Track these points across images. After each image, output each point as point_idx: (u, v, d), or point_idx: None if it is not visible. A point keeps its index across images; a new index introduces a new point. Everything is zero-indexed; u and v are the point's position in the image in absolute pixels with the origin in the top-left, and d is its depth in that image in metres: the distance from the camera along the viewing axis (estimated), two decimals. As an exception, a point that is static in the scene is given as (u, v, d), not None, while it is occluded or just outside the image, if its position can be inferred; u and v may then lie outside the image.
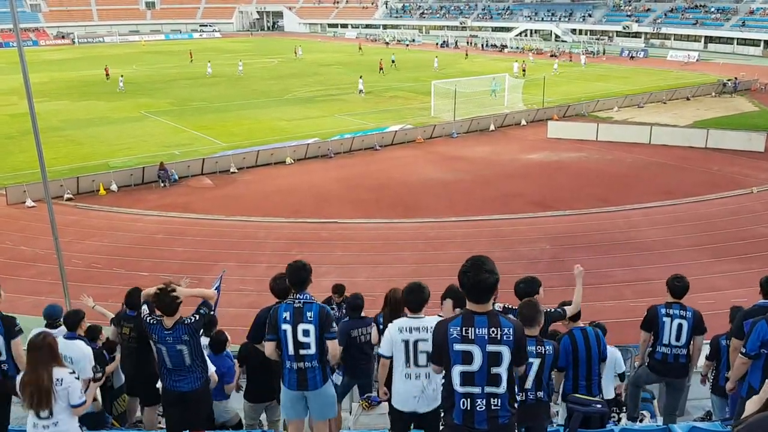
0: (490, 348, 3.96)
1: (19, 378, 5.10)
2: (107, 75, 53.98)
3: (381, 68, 56.69)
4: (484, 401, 4.00)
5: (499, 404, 4.02)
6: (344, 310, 8.02)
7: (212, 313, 6.54)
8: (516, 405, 4.24)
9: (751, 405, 3.71)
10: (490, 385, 3.99)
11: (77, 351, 6.30)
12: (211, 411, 6.64)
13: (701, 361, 9.20)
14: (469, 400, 4.02)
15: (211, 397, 6.39)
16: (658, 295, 6.75)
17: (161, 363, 5.79)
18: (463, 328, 3.98)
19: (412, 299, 5.27)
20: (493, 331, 3.96)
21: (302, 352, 5.35)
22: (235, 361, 7.13)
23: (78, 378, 5.16)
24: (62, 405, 5.03)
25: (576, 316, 6.55)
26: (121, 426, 7.53)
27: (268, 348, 5.59)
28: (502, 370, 4.00)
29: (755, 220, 20.87)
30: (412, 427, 5.38)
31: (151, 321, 5.73)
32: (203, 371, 5.92)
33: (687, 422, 6.51)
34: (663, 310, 6.58)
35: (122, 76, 50.37)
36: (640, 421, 7.19)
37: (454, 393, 4.06)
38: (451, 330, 4.01)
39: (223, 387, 6.93)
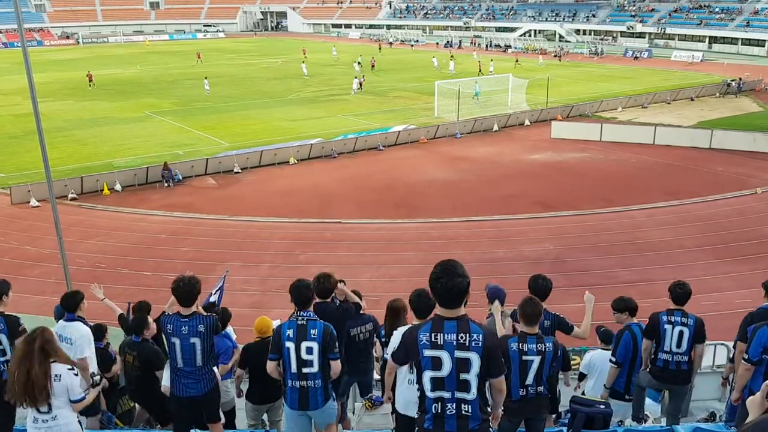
0: (459, 354, 3.93)
1: (9, 375, 5.09)
2: (90, 80, 50.99)
3: (373, 66, 59.01)
4: (454, 405, 4.01)
5: (470, 410, 4.01)
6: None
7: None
8: (489, 410, 4.21)
9: (752, 405, 3.70)
10: (460, 391, 3.99)
11: (75, 331, 6.26)
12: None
13: (719, 360, 9.20)
14: (439, 404, 4.03)
15: (220, 394, 6.37)
16: (662, 296, 6.74)
17: (172, 363, 5.76)
18: (432, 334, 3.97)
19: (419, 306, 5.27)
20: (461, 337, 3.93)
21: (305, 370, 5.36)
22: (238, 346, 7.09)
23: (77, 375, 5.16)
24: (62, 400, 5.06)
25: (633, 311, 6.64)
26: (125, 425, 7.54)
27: (270, 366, 5.61)
28: (471, 377, 3.97)
29: (760, 220, 20.80)
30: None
31: (167, 313, 5.75)
32: (212, 377, 5.90)
33: (690, 423, 6.50)
34: (665, 317, 6.57)
35: (206, 78, 48.61)
36: (644, 421, 7.17)
37: (426, 398, 4.07)
38: (421, 336, 4.01)
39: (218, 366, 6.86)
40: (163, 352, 7.07)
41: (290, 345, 5.35)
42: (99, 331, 7.59)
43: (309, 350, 5.32)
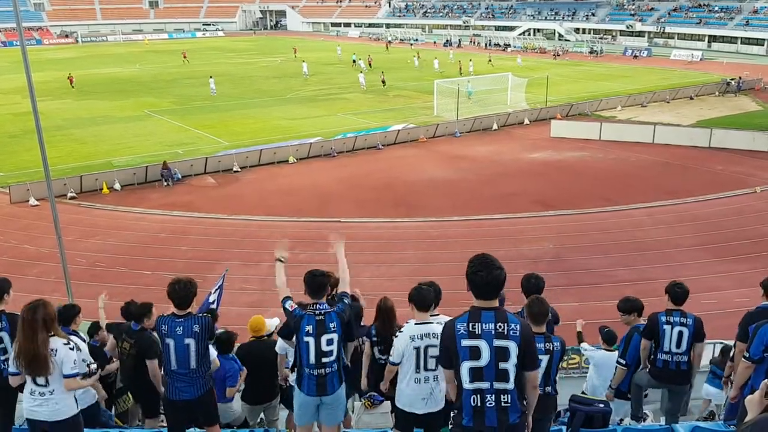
0: (497, 343, 3.99)
1: (15, 346, 5.16)
2: (71, 83, 49.36)
3: (370, 64, 59.51)
4: (493, 397, 4.01)
5: (509, 400, 4.03)
6: None
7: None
8: (525, 403, 4.24)
9: (750, 403, 3.69)
10: (499, 381, 4.00)
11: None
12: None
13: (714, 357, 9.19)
14: (478, 396, 4.02)
15: (216, 398, 6.32)
16: (660, 295, 6.74)
17: (166, 365, 5.71)
18: (470, 324, 4.02)
19: (418, 300, 5.30)
20: (500, 326, 4.00)
21: (324, 360, 5.35)
22: (243, 368, 7.06)
23: (73, 349, 5.19)
24: (58, 374, 5.11)
25: (641, 311, 6.73)
26: (123, 424, 7.54)
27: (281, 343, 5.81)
28: (510, 366, 4.01)
29: (759, 219, 20.82)
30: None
31: (163, 314, 5.73)
32: (207, 379, 5.84)
33: (690, 422, 6.51)
34: (663, 318, 6.57)
35: (211, 77, 47.52)
36: (643, 420, 7.18)
37: (463, 391, 4.06)
38: (458, 326, 4.05)
39: (225, 390, 6.81)
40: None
41: (309, 340, 5.30)
42: (93, 329, 7.58)
43: (329, 342, 5.32)
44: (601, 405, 6.07)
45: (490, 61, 63.05)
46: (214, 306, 10.33)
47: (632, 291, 15.60)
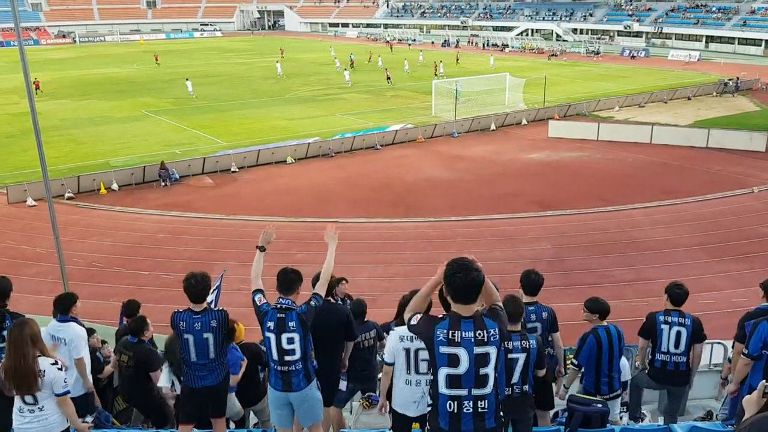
0: (478, 350, 3.97)
1: (2, 365, 5.14)
2: (37, 88, 44.39)
3: (352, 64, 59.99)
4: (471, 403, 4.01)
5: (486, 406, 4.03)
6: None
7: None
8: (501, 405, 4.24)
9: (748, 403, 3.70)
10: (478, 387, 4.00)
11: (70, 332, 6.34)
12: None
13: (715, 358, 9.19)
14: (455, 402, 4.01)
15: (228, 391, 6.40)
16: (658, 295, 6.74)
17: (185, 356, 5.79)
18: (450, 331, 3.98)
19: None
20: (479, 334, 3.98)
21: (287, 358, 5.43)
22: (244, 358, 7.11)
23: (61, 369, 5.20)
24: (47, 393, 5.11)
25: (604, 314, 6.61)
26: (121, 425, 7.53)
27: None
28: (490, 370, 4.01)
29: (756, 219, 20.85)
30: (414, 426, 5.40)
31: (179, 310, 5.78)
32: (224, 367, 5.99)
33: (687, 422, 6.51)
34: (661, 318, 6.54)
35: (188, 79, 46.47)
36: (642, 420, 7.19)
37: (439, 396, 4.04)
38: (438, 332, 4.00)
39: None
40: (159, 353, 7.07)
41: (270, 336, 5.42)
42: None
43: (290, 341, 5.38)
44: (599, 405, 6.06)
45: (457, 60, 62.97)
46: (212, 306, 10.33)
47: (630, 291, 15.70)
